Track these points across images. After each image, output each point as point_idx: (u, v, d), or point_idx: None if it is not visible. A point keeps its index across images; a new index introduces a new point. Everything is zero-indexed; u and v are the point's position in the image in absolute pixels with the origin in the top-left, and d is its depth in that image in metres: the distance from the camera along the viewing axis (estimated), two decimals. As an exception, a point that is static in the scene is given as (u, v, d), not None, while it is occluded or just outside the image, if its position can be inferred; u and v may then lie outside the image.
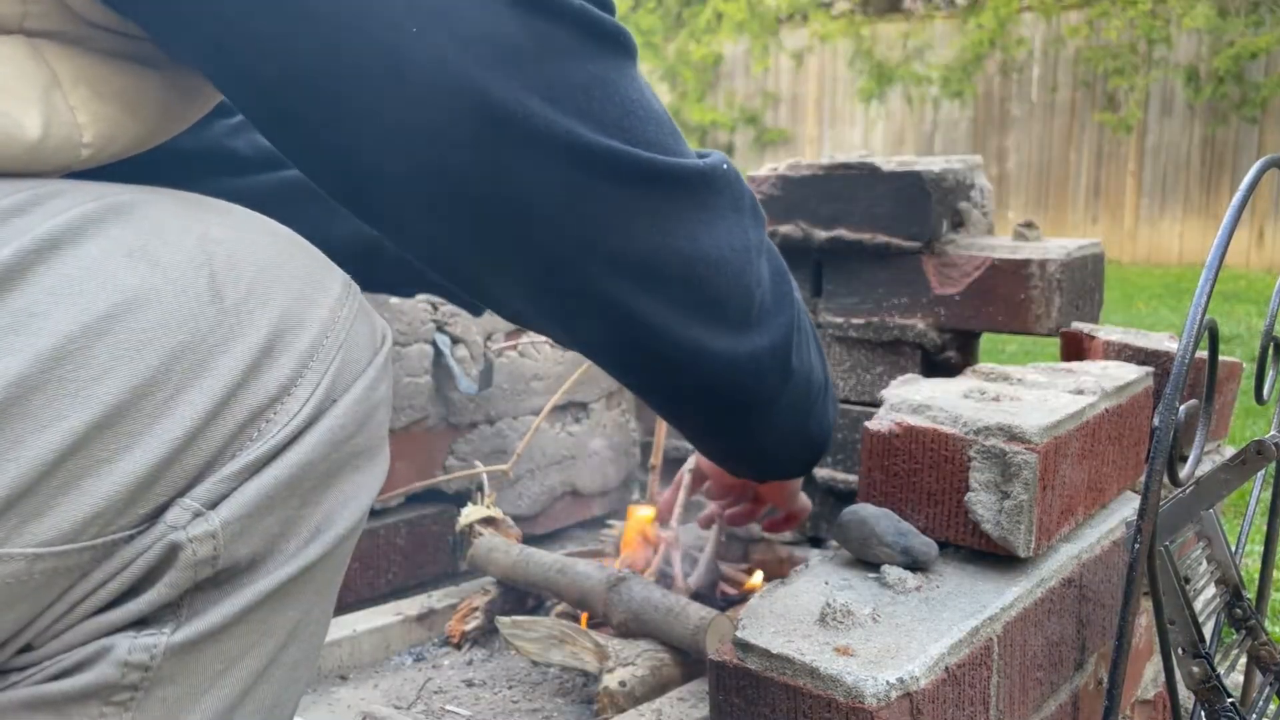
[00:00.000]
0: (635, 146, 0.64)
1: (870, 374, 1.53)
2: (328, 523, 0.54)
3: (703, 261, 0.69)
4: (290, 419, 0.51)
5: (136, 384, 0.46)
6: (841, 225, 1.49)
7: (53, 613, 0.46)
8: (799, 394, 0.84)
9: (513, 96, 0.58)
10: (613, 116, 0.62)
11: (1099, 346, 1.23)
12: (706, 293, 0.70)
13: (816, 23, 9.03)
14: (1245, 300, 5.70)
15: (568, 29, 0.60)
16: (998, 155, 8.73)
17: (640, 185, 0.65)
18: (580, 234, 0.64)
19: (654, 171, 0.65)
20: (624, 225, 0.65)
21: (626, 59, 0.65)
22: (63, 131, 0.53)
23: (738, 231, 0.72)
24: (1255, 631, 0.96)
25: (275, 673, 0.54)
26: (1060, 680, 0.95)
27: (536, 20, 0.59)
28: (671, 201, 0.67)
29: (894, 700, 0.71)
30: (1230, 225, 0.80)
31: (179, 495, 0.48)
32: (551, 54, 0.60)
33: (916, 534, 0.90)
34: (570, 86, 0.60)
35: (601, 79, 0.62)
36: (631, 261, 0.66)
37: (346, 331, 0.55)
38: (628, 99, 0.64)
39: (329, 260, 0.57)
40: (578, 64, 0.61)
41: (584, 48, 0.61)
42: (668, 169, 0.66)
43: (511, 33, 0.58)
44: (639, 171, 0.64)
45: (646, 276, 0.67)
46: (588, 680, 1.14)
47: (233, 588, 0.50)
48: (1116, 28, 7.74)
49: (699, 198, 0.69)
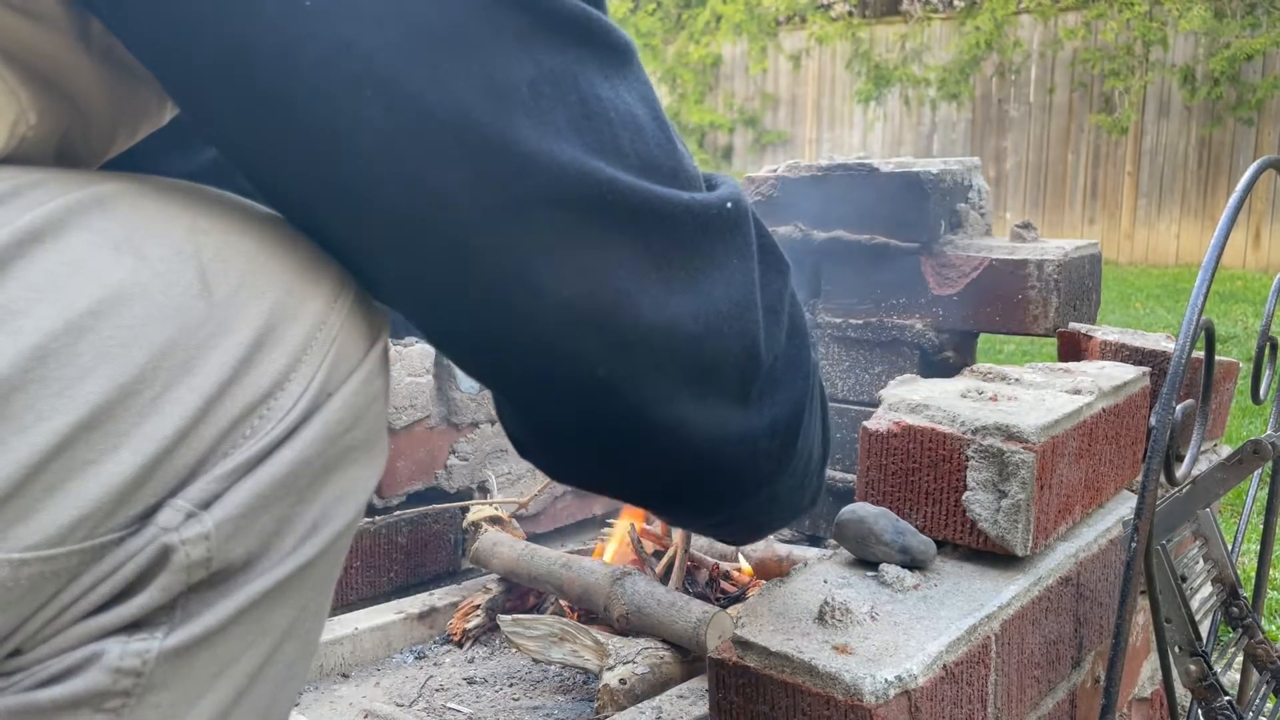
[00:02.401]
0: (596, 156, 0.52)
1: (868, 374, 1.53)
2: (325, 518, 0.52)
3: (688, 319, 0.55)
4: (284, 415, 0.49)
5: (123, 382, 0.45)
6: (840, 226, 1.49)
7: (41, 617, 0.45)
8: (795, 476, 0.69)
9: (433, 87, 0.49)
10: (564, 118, 0.51)
11: (1096, 346, 1.23)
12: (685, 360, 0.56)
13: (815, 25, 9.04)
14: (1242, 300, 5.71)
15: (510, 11, 0.50)
16: (995, 156, 8.74)
17: (587, 209, 0.52)
18: (511, 266, 0.52)
19: (612, 193, 0.52)
20: (566, 259, 0.52)
21: (597, 52, 0.54)
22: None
23: (742, 284, 0.58)
24: (1252, 630, 0.97)
25: (271, 672, 0.52)
26: (1058, 678, 0.96)
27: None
28: (636, 234, 0.53)
29: (892, 698, 0.71)
30: (1227, 226, 0.80)
31: (170, 496, 0.46)
32: (486, 39, 0.50)
33: (915, 533, 0.90)
34: (510, 80, 0.50)
35: (554, 73, 0.51)
36: (582, 308, 0.53)
37: (341, 323, 0.52)
38: (591, 98, 0.52)
39: (321, 249, 0.54)
40: (524, 53, 0.51)
41: (534, 35, 0.51)
42: (633, 193, 0.53)
43: (435, 11, 0.49)
44: (587, 189, 0.51)
45: (602, 330, 0.54)
46: (588, 678, 1.14)
47: (227, 589, 0.49)
48: (1113, 29, 7.75)
49: (683, 237, 0.55)
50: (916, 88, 8.74)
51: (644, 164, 0.54)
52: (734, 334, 0.58)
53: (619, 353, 0.55)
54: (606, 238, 0.53)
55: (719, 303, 0.57)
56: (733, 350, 0.58)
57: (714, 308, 0.56)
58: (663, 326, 0.55)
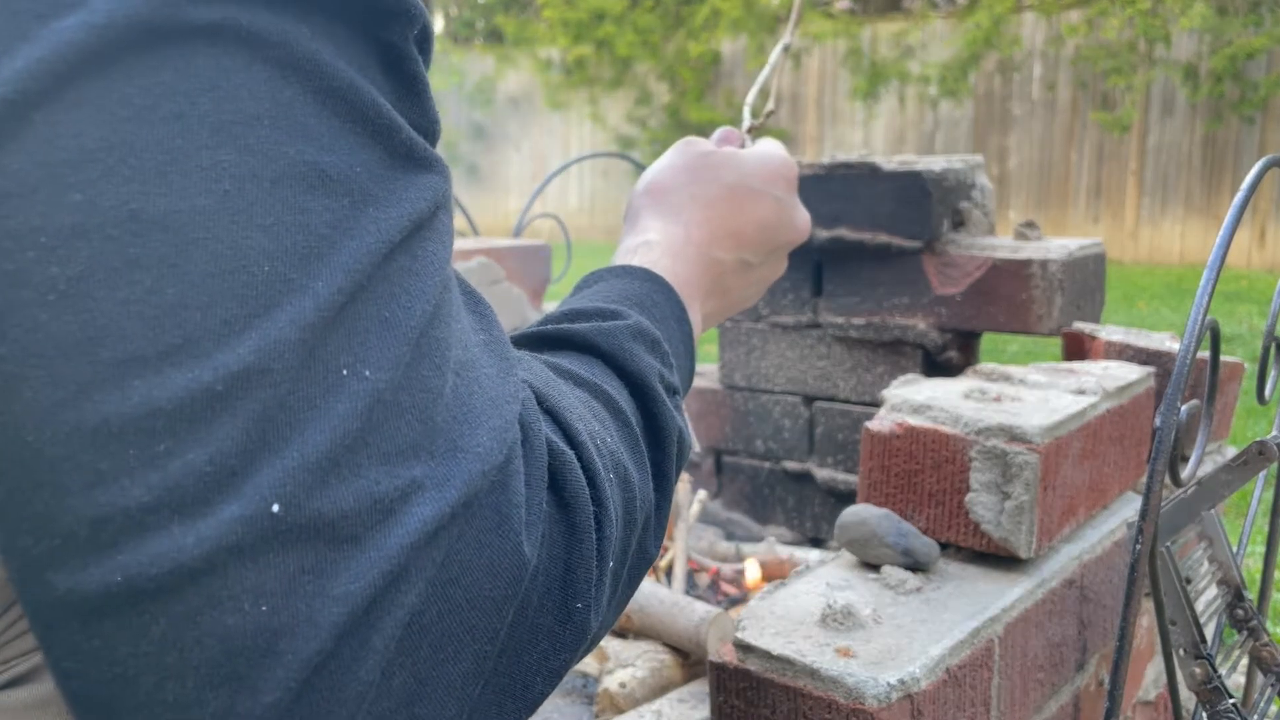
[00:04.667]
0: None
1: (871, 374, 1.53)
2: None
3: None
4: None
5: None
6: (842, 225, 1.49)
7: (4, 620, 0.43)
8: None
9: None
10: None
11: (1100, 347, 1.23)
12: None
13: (813, 23, 9.03)
14: (1247, 300, 5.70)
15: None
16: (999, 154, 8.73)
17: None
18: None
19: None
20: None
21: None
22: None
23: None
24: (1257, 632, 0.96)
25: None
26: (1061, 681, 0.95)
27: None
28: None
29: (895, 701, 0.71)
30: (1231, 225, 0.80)
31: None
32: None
33: (917, 535, 0.89)
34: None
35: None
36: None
37: None
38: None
39: None
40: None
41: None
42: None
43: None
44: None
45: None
46: (587, 681, 1.14)
47: None
48: (1115, 26, 7.74)
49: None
50: (914, 84, 8.74)
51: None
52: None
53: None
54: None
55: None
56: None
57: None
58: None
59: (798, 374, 1.60)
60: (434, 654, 0.37)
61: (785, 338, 1.60)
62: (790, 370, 1.60)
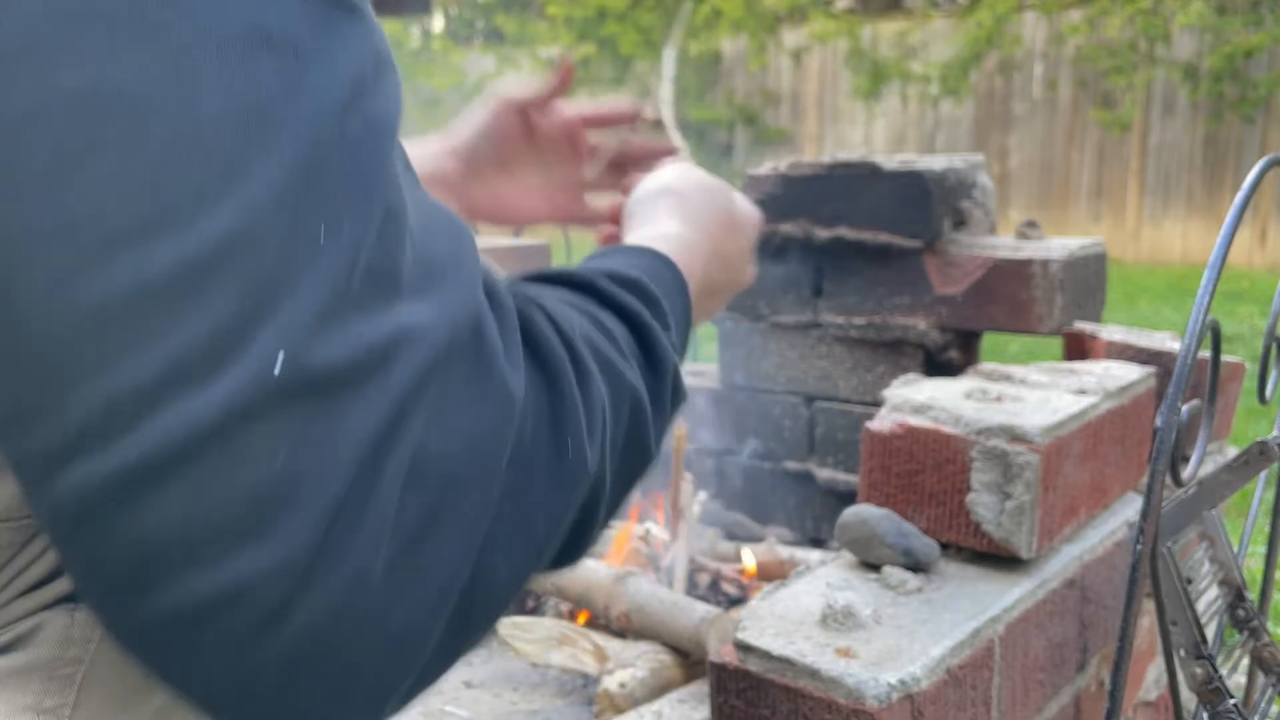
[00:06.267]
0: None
1: (872, 374, 1.52)
2: None
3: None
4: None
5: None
6: (843, 224, 1.48)
7: None
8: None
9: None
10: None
11: (1101, 346, 1.23)
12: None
13: (815, 22, 9.03)
14: (1248, 300, 5.70)
15: None
16: (999, 154, 8.72)
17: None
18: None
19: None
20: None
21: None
22: None
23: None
24: (1258, 633, 0.96)
25: None
26: (1062, 682, 0.95)
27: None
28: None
29: (895, 702, 0.70)
30: (1232, 225, 0.79)
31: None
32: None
33: (918, 535, 0.89)
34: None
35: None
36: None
37: None
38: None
39: None
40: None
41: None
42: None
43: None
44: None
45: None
46: (587, 682, 1.14)
47: None
48: (1116, 25, 7.73)
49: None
50: (915, 84, 8.74)
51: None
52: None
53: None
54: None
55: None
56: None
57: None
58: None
59: (798, 374, 1.59)
60: (442, 486, 0.39)
61: (786, 337, 1.60)
62: (791, 370, 1.60)
